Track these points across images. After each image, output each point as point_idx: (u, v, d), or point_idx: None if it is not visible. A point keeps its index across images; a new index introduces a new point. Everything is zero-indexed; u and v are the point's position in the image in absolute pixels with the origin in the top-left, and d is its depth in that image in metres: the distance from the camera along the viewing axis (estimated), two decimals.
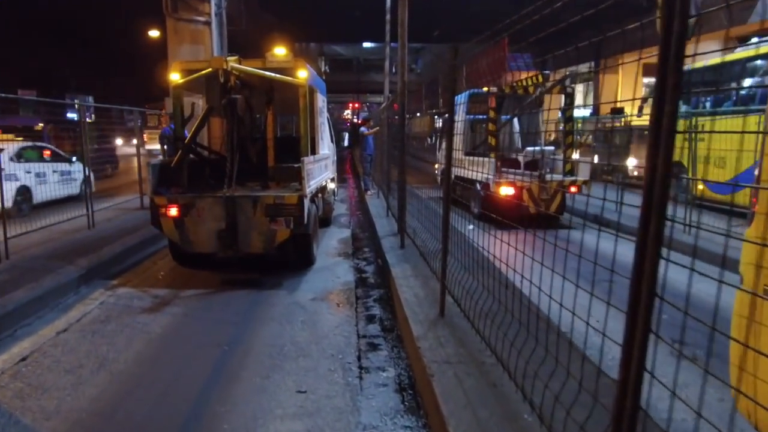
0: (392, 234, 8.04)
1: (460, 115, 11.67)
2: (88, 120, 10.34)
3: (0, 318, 5.24)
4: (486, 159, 10.08)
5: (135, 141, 13.95)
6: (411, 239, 7.32)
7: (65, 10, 19.95)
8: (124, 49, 23.81)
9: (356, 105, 50.84)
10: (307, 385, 4.09)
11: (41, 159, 11.74)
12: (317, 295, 6.23)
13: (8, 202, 9.70)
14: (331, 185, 10.71)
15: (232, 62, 6.81)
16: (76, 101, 12.66)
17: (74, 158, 12.11)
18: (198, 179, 7.30)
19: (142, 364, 4.55)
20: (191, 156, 7.49)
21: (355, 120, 22.58)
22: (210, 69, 6.87)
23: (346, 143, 17.06)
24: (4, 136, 12.61)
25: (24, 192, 10.67)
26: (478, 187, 10.35)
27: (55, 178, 11.01)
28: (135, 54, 23.34)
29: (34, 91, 20.26)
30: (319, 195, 8.33)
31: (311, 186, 7.00)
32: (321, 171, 8.34)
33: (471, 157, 10.97)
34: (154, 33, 21.19)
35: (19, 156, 11.10)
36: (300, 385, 4.08)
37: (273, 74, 7.03)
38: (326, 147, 9.42)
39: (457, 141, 11.75)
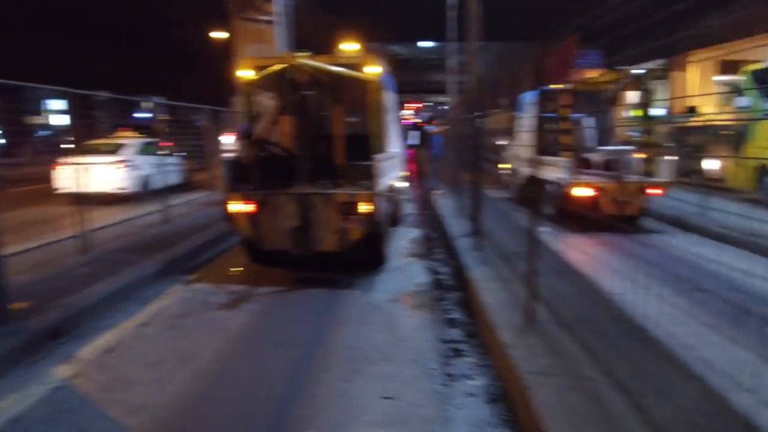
0: (465, 235, 7.79)
1: (531, 113, 11.31)
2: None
3: (85, 309, 5.34)
4: (560, 159, 9.67)
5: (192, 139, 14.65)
6: (487, 240, 7.07)
7: (130, 16, 20.57)
8: (193, 51, 24.35)
9: (418, 105, 50.53)
10: (392, 391, 3.92)
11: (155, 153, 13.40)
12: (393, 296, 6.06)
13: (134, 188, 11.78)
14: (401, 184, 10.54)
15: (304, 58, 6.74)
16: (151, 100, 13.42)
17: (177, 153, 14.23)
18: (270, 176, 7.28)
19: (223, 362, 4.50)
20: (263, 153, 7.48)
21: (419, 120, 22.33)
22: (282, 65, 6.82)
23: (410, 142, 16.87)
24: (128, 133, 14.70)
25: (144, 180, 12.48)
26: (552, 187, 9.95)
27: (165, 169, 12.35)
28: (202, 56, 23.85)
29: (107, 92, 21.16)
30: (390, 194, 8.18)
31: (383, 184, 6.85)
32: (392, 169, 8.19)
33: (543, 157, 10.58)
34: (219, 34, 21.53)
35: (141, 150, 13.24)
36: (384, 391, 3.92)
37: (345, 70, 6.92)
38: (396, 145, 9.26)
39: (529, 140, 11.40)
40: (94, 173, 10.58)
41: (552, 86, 10.89)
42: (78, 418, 3.65)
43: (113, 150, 12.72)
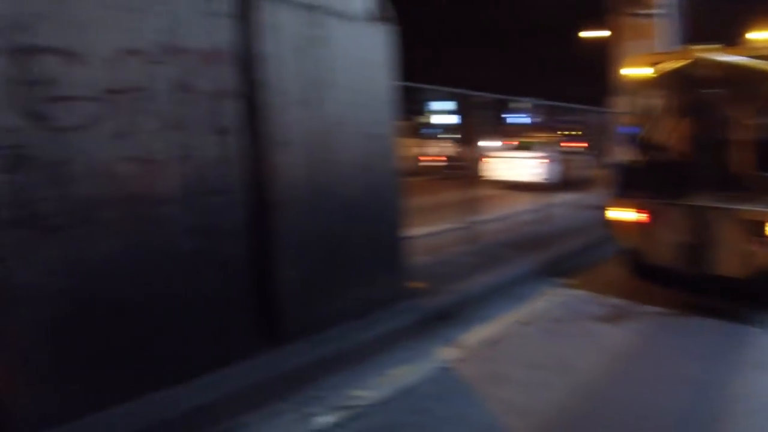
0: None
1: None
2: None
3: (468, 297, 5.77)
4: None
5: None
6: None
7: (502, 19, 21.44)
8: (559, 52, 24.18)
9: None
10: None
11: (560, 151, 16.13)
12: None
13: (553, 180, 13.10)
14: None
15: (713, 53, 5.93)
16: (535, 101, 14.55)
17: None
18: (662, 184, 6.70)
19: (605, 382, 4.30)
20: (655, 158, 6.93)
21: None
22: (684, 61, 6.14)
23: None
24: (540, 134, 17.54)
25: (560, 174, 14.60)
26: None
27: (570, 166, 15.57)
28: (568, 56, 23.53)
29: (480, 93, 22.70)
30: None
31: None
32: None
33: None
34: (595, 33, 20.88)
35: (556, 148, 15.90)
36: None
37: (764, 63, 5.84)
38: None
39: None
40: (522, 166, 15.24)
41: None
42: (458, 402, 3.92)
43: (528, 147, 16.32)
